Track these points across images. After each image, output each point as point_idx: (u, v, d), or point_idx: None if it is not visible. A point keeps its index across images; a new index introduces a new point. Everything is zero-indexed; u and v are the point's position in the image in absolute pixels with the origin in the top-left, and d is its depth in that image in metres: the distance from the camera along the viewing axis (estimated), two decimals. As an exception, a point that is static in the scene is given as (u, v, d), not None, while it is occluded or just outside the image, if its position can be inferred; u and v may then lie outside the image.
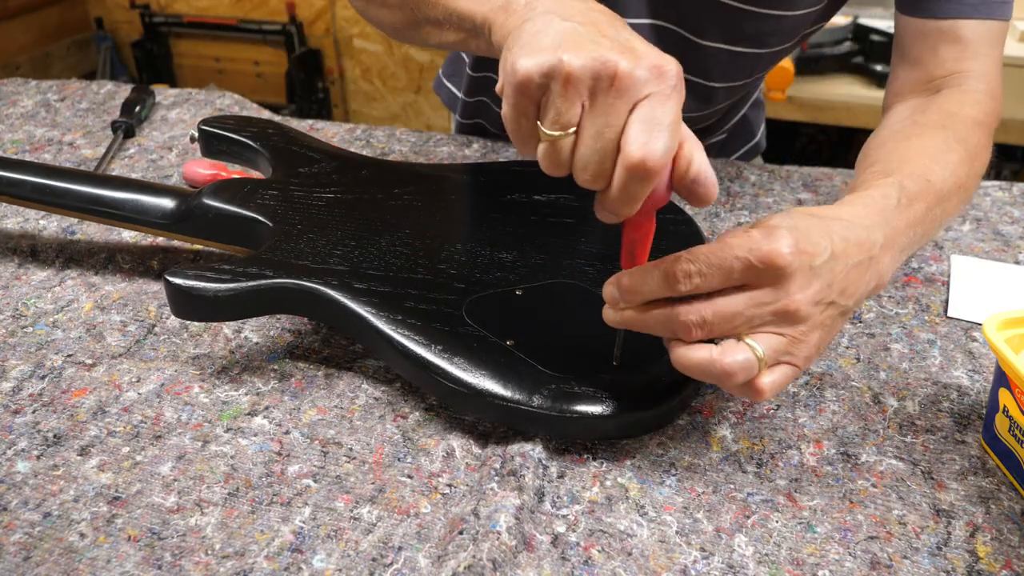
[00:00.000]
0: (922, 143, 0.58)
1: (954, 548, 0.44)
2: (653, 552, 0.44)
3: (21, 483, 0.48)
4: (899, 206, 0.50)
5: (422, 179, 0.66)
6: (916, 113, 0.63)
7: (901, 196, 0.51)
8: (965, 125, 0.61)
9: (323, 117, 2.54)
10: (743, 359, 0.43)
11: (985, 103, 0.64)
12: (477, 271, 0.56)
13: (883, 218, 0.49)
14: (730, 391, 0.45)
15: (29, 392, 0.54)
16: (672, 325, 0.44)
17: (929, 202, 0.52)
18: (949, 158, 0.56)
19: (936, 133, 0.59)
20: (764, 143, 0.98)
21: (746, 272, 0.42)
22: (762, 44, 0.74)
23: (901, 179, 0.52)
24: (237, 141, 0.66)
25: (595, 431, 0.49)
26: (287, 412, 0.53)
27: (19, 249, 0.69)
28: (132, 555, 0.44)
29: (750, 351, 0.43)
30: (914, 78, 0.67)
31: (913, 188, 0.52)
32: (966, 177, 0.57)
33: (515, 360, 0.50)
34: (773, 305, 0.43)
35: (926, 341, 0.59)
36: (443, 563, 0.42)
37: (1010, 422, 0.48)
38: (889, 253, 0.48)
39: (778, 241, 0.42)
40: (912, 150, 0.57)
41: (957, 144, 0.58)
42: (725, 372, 0.43)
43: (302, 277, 0.53)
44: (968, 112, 0.62)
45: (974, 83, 0.65)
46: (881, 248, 0.47)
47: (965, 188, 0.57)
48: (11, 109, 0.93)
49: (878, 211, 0.49)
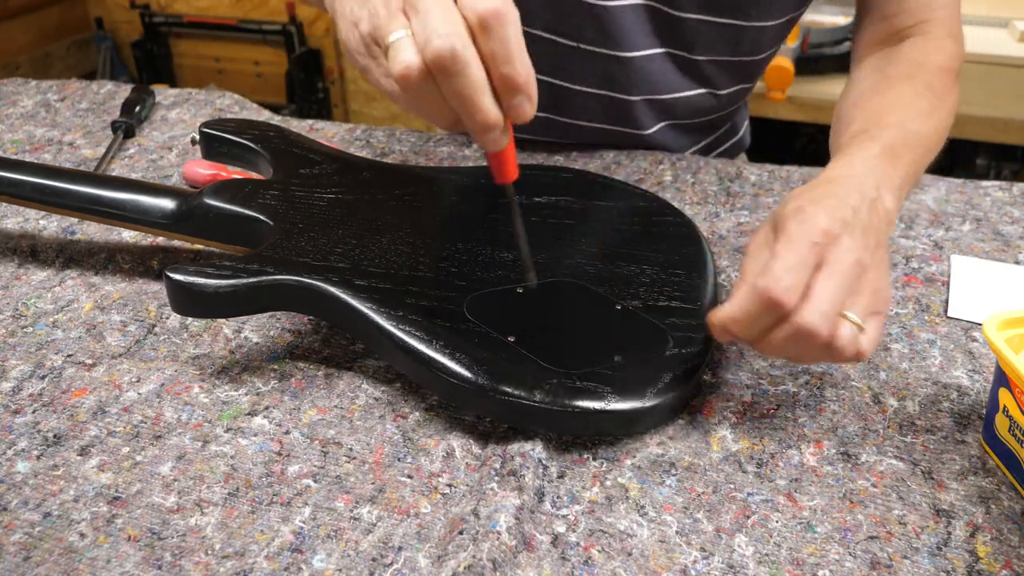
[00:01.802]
0: (894, 94, 0.62)
1: (954, 548, 0.44)
2: (653, 552, 0.44)
3: (21, 483, 0.48)
4: (881, 153, 0.54)
5: (423, 181, 0.66)
6: (884, 66, 0.66)
7: (881, 144, 0.55)
8: (931, 72, 0.64)
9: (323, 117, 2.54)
10: (849, 333, 0.46)
11: (949, 48, 0.68)
12: (478, 269, 0.56)
13: (869, 166, 0.53)
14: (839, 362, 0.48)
15: (29, 392, 0.54)
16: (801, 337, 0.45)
17: (910, 144, 0.57)
18: (921, 104, 0.60)
19: (905, 84, 0.63)
20: (748, 139, 0.99)
21: (813, 254, 0.46)
22: (741, 14, 0.75)
23: (879, 131, 0.56)
24: (238, 143, 0.66)
25: (596, 427, 0.49)
26: (287, 412, 0.53)
27: (19, 249, 0.69)
28: (132, 555, 0.44)
29: (848, 323, 0.46)
30: (880, 30, 0.71)
31: (891, 136, 0.56)
32: (939, 120, 0.61)
33: (516, 356, 0.50)
34: (846, 265, 0.46)
35: (926, 341, 0.59)
36: (443, 563, 0.42)
37: (1010, 422, 0.48)
38: (887, 191, 0.52)
39: (816, 215, 0.47)
40: (885, 103, 0.61)
41: (926, 90, 0.62)
42: (840, 351, 0.46)
43: (303, 274, 0.53)
44: (934, 59, 0.66)
45: (937, 29, 0.68)
46: (877, 189, 0.51)
47: (942, 128, 0.61)
48: (11, 109, 0.93)
49: (862, 162, 0.53)
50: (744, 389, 0.54)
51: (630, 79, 0.78)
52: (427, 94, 0.43)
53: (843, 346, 0.46)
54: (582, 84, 0.79)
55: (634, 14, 0.74)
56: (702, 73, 0.80)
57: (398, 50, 0.42)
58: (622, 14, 0.74)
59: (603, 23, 0.74)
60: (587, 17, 0.74)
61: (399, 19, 0.43)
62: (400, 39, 0.42)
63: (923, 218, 0.73)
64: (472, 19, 0.41)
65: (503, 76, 0.42)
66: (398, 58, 0.42)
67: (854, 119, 0.61)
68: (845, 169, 0.52)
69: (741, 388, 0.55)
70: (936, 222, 0.73)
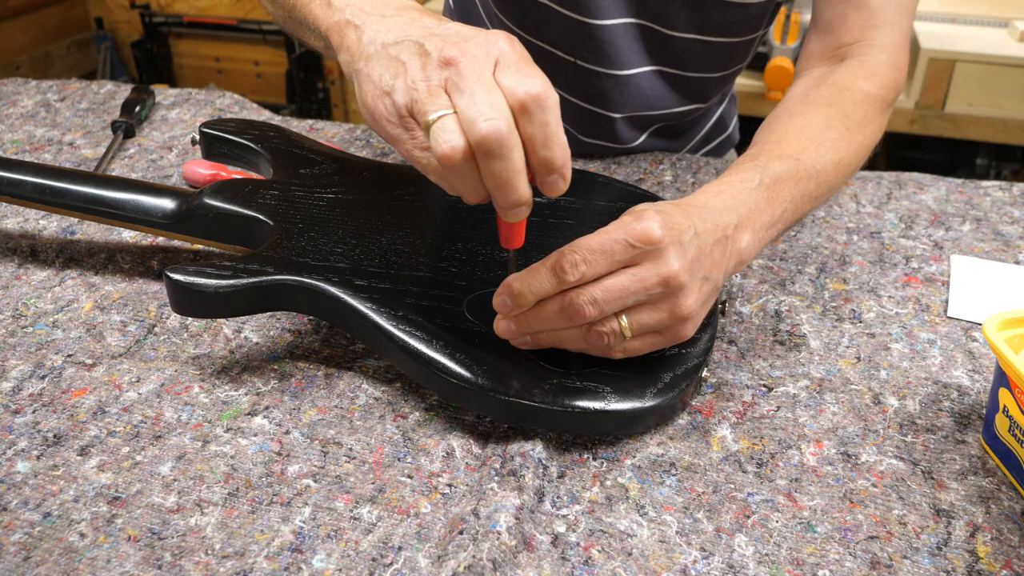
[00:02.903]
0: (804, 121, 0.61)
1: (954, 548, 0.44)
2: (653, 552, 0.44)
3: (21, 483, 0.48)
4: (760, 187, 0.54)
5: (422, 181, 0.66)
6: (811, 88, 0.65)
7: (763, 177, 0.54)
8: (854, 100, 0.63)
9: (323, 117, 2.54)
10: (609, 331, 0.48)
11: (884, 75, 0.65)
12: (478, 269, 0.56)
13: (737, 200, 0.53)
14: (593, 353, 0.50)
15: (29, 392, 0.54)
16: (566, 311, 0.47)
17: (799, 180, 0.56)
18: (828, 135, 0.59)
19: (820, 111, 0.62)
20: (737, 135, 1.00)
21: (626, 251, 0.46)
22: (732, 33, 0.76)
23: (767, 161, 0.56)
24: (238, 144, 0.66)
25: (596, 426, 0.49)
26: (287, 412, 0.53)
27: (19, 249, 0.69)
28: (132, 555, 0.44)
29: (616, 323, 0.48)
30: (823, 44, 0.69)
31: (779, 168, 0.55)
32: (845, 152, 0.60)
33: (516, 356, 0.50)
34: (656, 277, 0.47)
35: (926, 341, 0.59)
36: (443, 563, 0.42)
37: (1010, 422, 0.48)
38: (747, 232, 0.52)
39: (649, 220, 0.46)
40: (791, 129, 0.60)
41: (839, 121, 0.61)
42: (597, 347, 0.48)
43: (303, 274, 0.53)
44: (860, 86, 0.64)
45: (877, 54, 0.66)
46: (736, 228, 0.51)
47: (845, 163, 0.60)
48: (11, 109, 0.93)
49: (733, 194, 0.53)
50: (744, 389, 0.54)
51: (622, 96, 0.79)
52: (467, 174, 0.43)
53: (600, 344, 0.48)
54: (575, 98, 0.80)
55: (627, 33, 0.74)
56: (693, 89, 0.81)
57: (443, 130, 0.42)
58: (616, 32, 0.74)
59: (598, 42, 0.75)
60: (582, 36, 0.74)
61: (441, 97, 0.42)
62: (444, 118, 0.42)
63: (923, 218, 0.73)
64: (514, 102, 0.41)
65: (542, 158, 0.43)
66: (443, 138, 0.41)
67: (759, 139, 0.61)
68: (714, 198, 0.52)
69: (741, 388, 0.55)
70: (936, 222, 0.73)
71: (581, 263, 0.46)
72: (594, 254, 0.46)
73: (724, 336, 0.59)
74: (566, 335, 0.49)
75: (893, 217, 0.73)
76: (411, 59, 0.44)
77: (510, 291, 0.48)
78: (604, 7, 0.73)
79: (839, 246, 0.69)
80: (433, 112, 0.42)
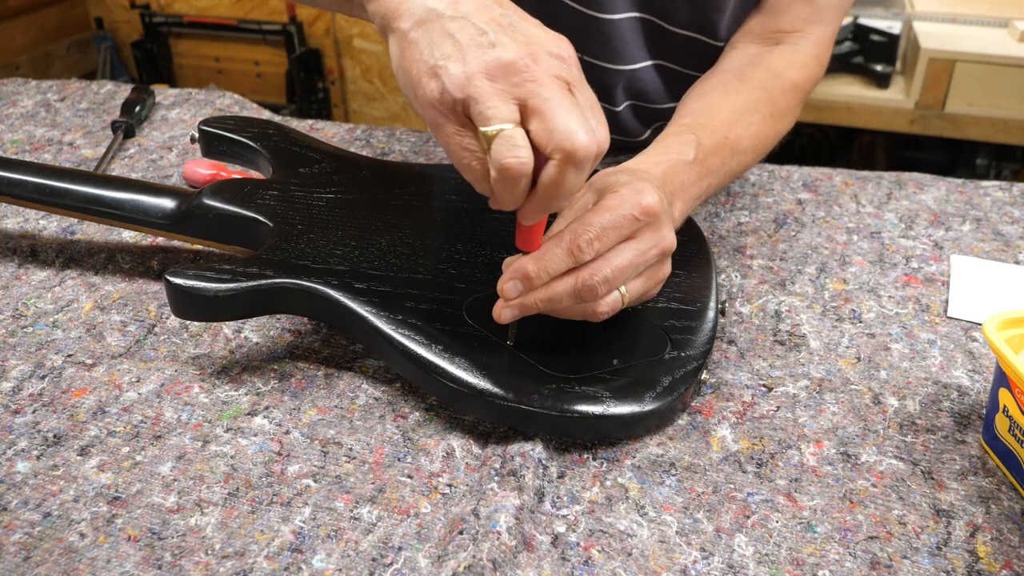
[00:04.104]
0: (737, 100, 0.65)
1: (954, 548, 0.44)
2: (653, 552, 0.44)
3: (21, 483, 0.48)
4: (694, 161, 0.57)
5: (422, 180, 0.66)
6: (747, 66, 0.69)
7: (697, 152, 0.58)
8: (782, 88, 0.67)
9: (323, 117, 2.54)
10: (611, 302, 0.49)
11: (811, 67, 0.70)
12: (478, 271, 0.56)
13: (675, 172, 0.56)
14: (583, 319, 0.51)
15: (29, 392, 0.54)
16: (580, 292, 0.48)
17: (724, 156, 0.60)
18: (754, 118, 0.63)
19: (752, 93, 0.65)
20: None
21: (632, 225, 0.48)
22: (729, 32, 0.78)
23: (701, 136, 0.59)
24: (237, 142, 0.66)
25: (595, 430, 0.49)
26: (287, 412, 0.53)
27: (19, 249, 0.69)
28: (132, 555, 0.44)
29: (617, 294, 0.49)
30: (764, 25, 0.73)
31: (710, 143, 0.59)
32: (765, 136, 0.65)
33: (516, 360, 0.50)
34: (656, 248, 0.50)
35: (926, 341, 0.59)
36: (443, 563, 0.42)
37: (1010, 422, 0.48)
38: (680, 201, 0.56)
39: (649, 194, 0.49)
40: (724, 106, 0.64)
41: (766, 107, 0.65)
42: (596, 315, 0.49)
43: (302, 277, 0.53)
44: (791, 75, 0.68)
45: (808, 46, 0.70)
46: (672, 197, 0.55)
47: (763, 146, 0.65)
48: (11, 109, 0.93)
49: (671, 165, 0.56)
50: (744, 389, 0.54)
51: (626, 91, 0.79)
52: (520, 185, 0.43)
53: (600, 312, 0.49)
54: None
55: (632, 27, 0.75)
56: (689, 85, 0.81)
57: (511, 143, 0.41)
58: (623, 27, 0.75)
59: (607, 37, 0.75)
60: (591, 31, 0.75)
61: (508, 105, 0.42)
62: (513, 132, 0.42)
63: (923, 218, 0.73)
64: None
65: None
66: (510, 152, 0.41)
67: (691, 110, 0.64)
68: (654, 168, 0.55)
69: (741, 388, 0.55)
70: (936, 222, 0.73)
71: (596, 240, 0.47)
72: (605, 231, 0.48)
73: (724, 336, 0.59)
74: (563, 306, 0.50)
75: (893, 217, 0.73)
76: (471, 46, 0.42)
77: (523, 275, 0.48)
78: (612, 1, 0.73)
79: (839, 246, 0.69)
80: (498, 122, 0.41)
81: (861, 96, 1.74)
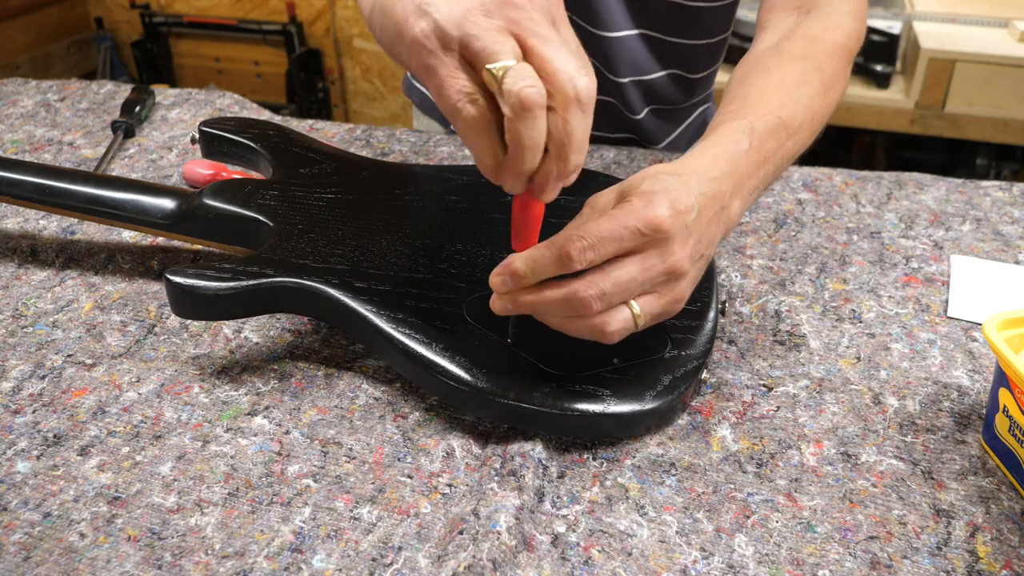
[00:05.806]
0: (780, 75, 0.60)
1: (954, 548, 0.44)
2: (653, 552, 0.44)
3: (21, 483, 0.48)
4: (749, 150, 0.53)
5: (422, 180, 0.66)
6: (782, 40, 0.65)
7: (752, 139, 0.53)
8: (825, 53, 0.63)
9: (323, 117, 2.54)
10: (621, 320, 0.46)
11: (849, 25, 0.66)
12: (478, 271, 0.56)
13: (732, 166, 0.51)
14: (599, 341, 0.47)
15: (29, 392, 0.54)
16: (571, 304, 0.45)
17: (780, 139, 0.55)
18: (804, 91, 0.59)
19: (795, 64, 0.61)
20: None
21: (635, 239, 0.45)
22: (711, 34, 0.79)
23: (753, 120, 0.55)
24: (238, 143, 0.66)
25: (596, 429, 0.49)
26: (287, 412, 0.53)
27: (19, 249, 0.69)
28: (132, 555, 0.44)
29: (626, 311, 0.46)
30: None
31: (764, 127, 0.54)
32: (819, 108, 0.60)
33: (516, 358, 0.50)
34: (662, 266, 0.46)
35: (926, 341, 0.59)
36: (443, 563, 0.42)
37: (1010, 422, 0.48)
38: (738, 198, 0.51)
39: (660, 207, 0.45)
40: (770, 84, 0.59)
41: (814, 75, 0.60)
42: (606, 336, 0.46)
43: (303, 276, 0.53)
44: (831, 37, 0.64)
45: (841, 4, 0.66)
46: (730, 196, 0.50)
47: (819, 119, 0.60)
48: (11, 109, 0.93)
49: (728, 159, 0.51)
50: (744, 389, 0.54)
51: (613, 59, 0.79)
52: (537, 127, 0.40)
53: (611, 332, 0.46)
54: None
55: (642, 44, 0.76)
56: (674, 55, 0.82)
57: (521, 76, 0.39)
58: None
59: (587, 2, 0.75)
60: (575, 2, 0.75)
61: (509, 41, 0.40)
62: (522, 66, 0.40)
63: (923, 218, 0.73)
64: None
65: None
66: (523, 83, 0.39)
67: (736, 96, 0.60)
68: (710, 166, 0.50)
69: (741, 388, 0.55)
70: (936, 222, 0.73)
71: (589, 250, 0.44)
72: (603, 241, 0.44)
73: (724, 336, 0.59)
74: (565, 323, 0.47)
75: (893, 217, 0.73)
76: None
77: (511, 271, 0.46)
78: (614, 21, 0.73)
79: (839, 246, 0.69)
80: (504, 59, 0.40)
81: (861, 96, 1.74)
